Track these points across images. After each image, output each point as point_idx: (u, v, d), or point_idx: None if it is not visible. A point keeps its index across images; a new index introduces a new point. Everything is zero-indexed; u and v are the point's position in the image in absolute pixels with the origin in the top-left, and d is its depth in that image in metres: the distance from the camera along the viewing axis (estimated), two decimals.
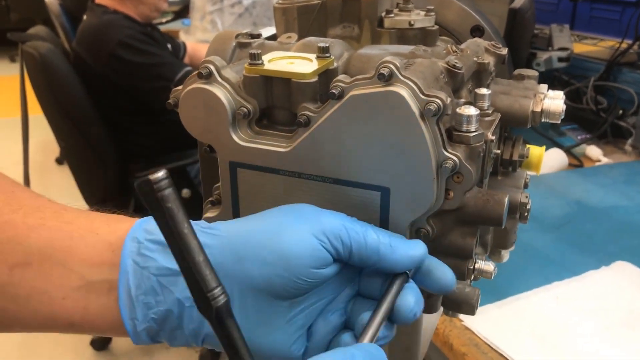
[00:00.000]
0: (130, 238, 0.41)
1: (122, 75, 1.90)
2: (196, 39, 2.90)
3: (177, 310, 0.40)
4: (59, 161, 3.85)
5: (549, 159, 1.47)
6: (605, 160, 1.59)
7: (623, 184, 1.41)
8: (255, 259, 0.39)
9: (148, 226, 0.41)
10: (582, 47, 2.06)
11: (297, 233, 0.39)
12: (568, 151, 1.59)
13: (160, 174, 0.30)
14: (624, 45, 1.81)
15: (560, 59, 1.69)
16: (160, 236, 0.38)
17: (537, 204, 0.53)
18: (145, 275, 0.39)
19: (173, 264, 0.37)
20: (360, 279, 0.43)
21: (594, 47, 2.11)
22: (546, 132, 1.71)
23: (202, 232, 0.41)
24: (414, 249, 0.41)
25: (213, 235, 0.40)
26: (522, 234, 0.60)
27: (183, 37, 3.01)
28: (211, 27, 2.82)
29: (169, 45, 2.17)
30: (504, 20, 1.43)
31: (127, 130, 2.02)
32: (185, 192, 1.91)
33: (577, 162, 1.58)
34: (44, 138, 3.15)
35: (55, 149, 3.77)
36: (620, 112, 1.73)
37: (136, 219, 0.43)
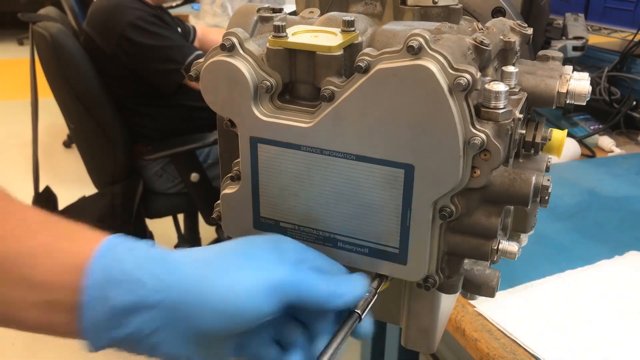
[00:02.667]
0: (99, 263, 0.42)
1: (131, 57, 1.89)
2: (206, 23, 2.89)
3: (135, 336, 0.41)
4: (66, 144, 3.85)
5: None
6: (618, 151, 1.57)
7: (636, 175, 1.40)
8: (205, 305, 0.41)
9: (116, 254, 0.42)
10: (595, 38, 2.04)
11: (249, 286, 0.42)
12: (580, 141, 1.57)
13: None
14: (639, 37, 1.79)
15: (575, 48, 1.66)
16: (127, 265, 0.41)
17: None
18: (108, 305, 0.41)
19: (131, 298, 0.40)
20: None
21: (607, 38, 2.08)
22: (558, 122, 1.70)
23: (159, 263, 0.42)
24: (354, 290, 0.45)
25: (169, 272, 0.42)
26: None
27: (193, 21, 3.00)
28: (221, 11, 2.80)
29: (179, 29, 2.16)
30: (519, 8, 1.41)
31: (136, 112, 2.01)
32: (194, 176, 1.90)
33: (589, 152, 1.56)
34: (52, 121, 3.15)
35: (62, 133, 3.77)
36: (634, 103, 1.71)
37: (101, 236, 0.43)
